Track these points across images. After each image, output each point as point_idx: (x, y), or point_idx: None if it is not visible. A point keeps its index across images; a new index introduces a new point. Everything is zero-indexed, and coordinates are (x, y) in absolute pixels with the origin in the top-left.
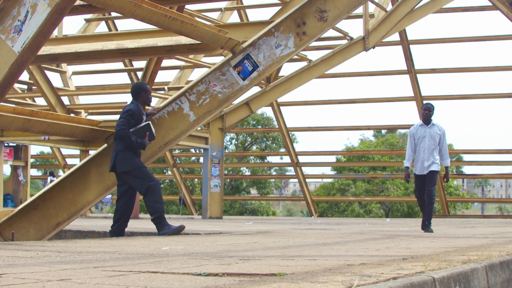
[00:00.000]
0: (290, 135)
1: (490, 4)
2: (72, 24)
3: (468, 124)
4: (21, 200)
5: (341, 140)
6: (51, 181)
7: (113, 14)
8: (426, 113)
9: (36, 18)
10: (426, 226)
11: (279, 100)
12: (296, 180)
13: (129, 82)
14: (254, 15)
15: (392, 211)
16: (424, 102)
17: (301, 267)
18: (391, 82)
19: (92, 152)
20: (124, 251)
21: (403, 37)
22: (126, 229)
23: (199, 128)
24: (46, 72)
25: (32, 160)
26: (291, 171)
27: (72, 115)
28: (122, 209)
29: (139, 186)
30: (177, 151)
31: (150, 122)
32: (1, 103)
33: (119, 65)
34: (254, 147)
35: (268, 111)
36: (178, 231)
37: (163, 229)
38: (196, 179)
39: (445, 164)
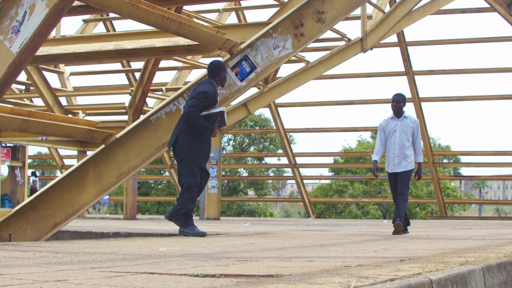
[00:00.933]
0: (288, 136)
1: (488, 6)
2: (70, 25)
3: (466, 125)
4: (18, 201)
5: (339, 142)
6: (34, 181)
7: (111, 15)
8: (395, 105)
9: (34, 19)
10: (403, 229)
11: (277, 101)
12: (293, 181)
13: (127, 83)
14: (252, 16)
15: (390, 213)
16: (395, 93)
17: (299, 268)
18: (389, 83)
19: (90, 153)
20: (121, 252)
21: (401, 38)
22: (124, 230)
23: None
24: (44, 72)
25: (29, 160)
26: (288, 172)
27: (69, 115)
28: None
29: (181, 177)
30: None
31: (224, 109)
32: None
33: (117, 65)
34: (252, 148)
35: (265, 112)
36: (199, 235)
37: (186, 227)
38: None
39: (418, 160)
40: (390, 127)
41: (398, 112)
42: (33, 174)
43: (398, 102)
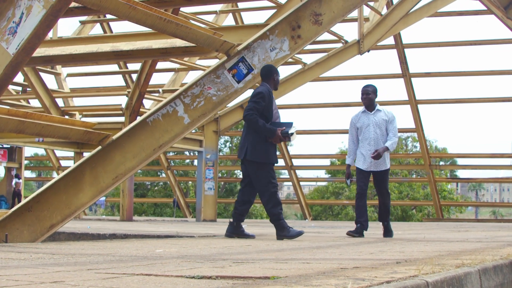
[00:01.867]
0: None
1: (485, 8)
2: (67, 26)
3: (463, 128)
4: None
5: (336, 144)
6: (16, 183)
7: (108, 16)
8: (365, 98)
9: (31, 20)
10: (387, 231)
11: None
12: (290, 183)
13: (124, 84)
14: (249, 18)
15: None
16: (364, 85)
17: (295, 271)
18: (385, 85)
19: (87, 154)
20: (117, 253)
21: (398, 40)
22: (120, 232)
23: (193, 131)
24: (41, 74)
25: (26, 162)
26: (285, 174)
27: (66, 117)
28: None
29: (259, 185)
30: (171, 154)
31: (293, 122)
32: None
33: (114, 67)
34: None
35: None
36: (298, 235)
37: (283, 231)
38: (190, 182)
39: (386, 144)
40: (362, 122)
41: (369, 105)
42: (17, 176)
43: (367, 94)
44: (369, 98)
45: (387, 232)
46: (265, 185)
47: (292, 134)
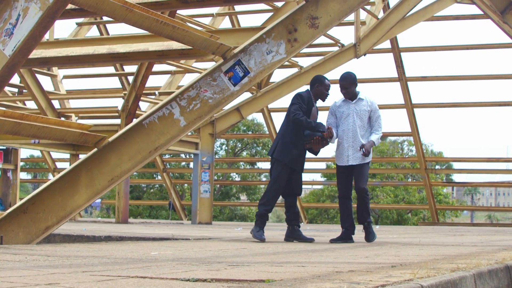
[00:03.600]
0: None
1: (482, 12)
2: (63, 28)
3: (459, 132)
4: (10, 204)
5: (332, 147)
6: None
7: (105, 18)
8: (344, 93)
9: (27, 22)
10: (367, 230)
11: (270, 106)
12: None
13: (120, 86)
14: (245, 21)
15: (382, 218)
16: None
17: (290, 274)
18: (381, 89)
19: (82, 156)
20: (113, 255)
21: (394, 44)
22: (115, 234)
23: (189, 134)
24: (37, 75)
25: (22, 163)
26: None
27: (62, 119)
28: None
29: (270, 179)
30: (167, 156)
31: (325, 125)
32: None
33: (110, 69)
34: (244, 153)
35: (258, 117)
36: (257, 239)
37: (254, 228)
38: (186, 184)
39: (371, 138)
40: (342, 111)
41: (350, 98)
42: None
43: (345, 89)
44: (348, 92)
45: (369, 235)
46: (271, 183)
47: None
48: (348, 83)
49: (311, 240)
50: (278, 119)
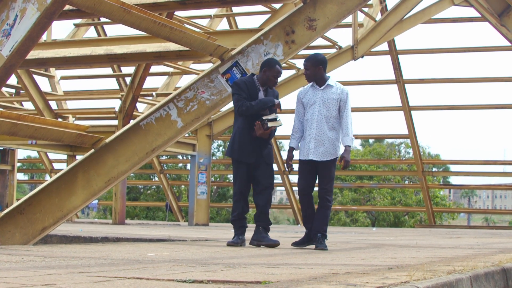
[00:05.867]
0: (278, 143)
1: (479, 15)
2: (61, 29)
3: (456, 134)
4: (7, 204)
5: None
6: None
7: (102, 19)
8: (306, 74)
9: (25, 22)
10: (319, 241)
11: None
12: (283, 188)
13: (118, 87)
14: (243, 23)
15: (379, 220)
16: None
17: (286, 275)
18: (379, 91)
19: (79, 157)
20: (109, 256)
21: (392, 47)
22: (112, 235)
23: (186, 135)
24: (34, 76)
25: (19, 164)
26: (278, 179)
27: (59, 119)
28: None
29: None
30: (164, 158)
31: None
32: None
33: (108, 70)
34: None
35: None
36: (229, 243)
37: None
38: (183, 186)
39: (345, 142)
40: (308, 99)
41: (312, 81)
42: None
43: (306, 70)
44: (308, 74)
45: (319, 245)
46: (233, 185)
47: (273, 119)
48: (310, 64)
49: (275, 243)
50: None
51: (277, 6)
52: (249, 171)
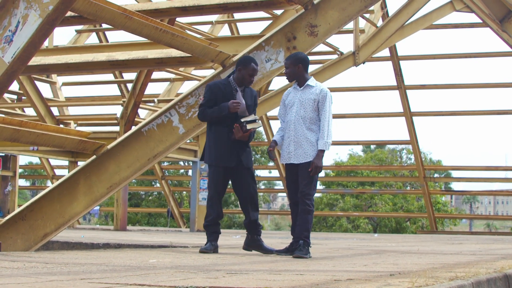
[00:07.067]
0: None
1: (480, 21)
2: (63, 35)
3: (457, 140)
4: (8, 211)
5: (330, 155)
6: None
7: (104, 25)
8: (287, 73)
9: (27, 29)
10: (299, 248)
11: (269, 114)
12: (284, 194)
13: (119, 94)
14: (244, 29)
15: (380, 227)
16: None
17: (288, 282)
18: (380, 97)
19: (81, 164)
20: (111, 263)
21: (393, 52)
22: (114, 241)
23: (188, 141)
24: (36, 82)
25: (20, 170)
26: (279, 185)
27: (61, 126)
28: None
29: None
30: (166, 164)
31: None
32: None
33: (109, 76)
34: None
35: None
36: (201, 250)
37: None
38: (184, 192)
39: (318, 146)
40: (290, 100)
41: (293, 81)
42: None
43: (285, 69)
44: (288, 73)
45: (299, 252)
46: (208, 188)
47: (252, 121)
48: (289, 63)
49: (272, 251)
50: (277, 127)
51: (278, 12)
52: (227, 176)
